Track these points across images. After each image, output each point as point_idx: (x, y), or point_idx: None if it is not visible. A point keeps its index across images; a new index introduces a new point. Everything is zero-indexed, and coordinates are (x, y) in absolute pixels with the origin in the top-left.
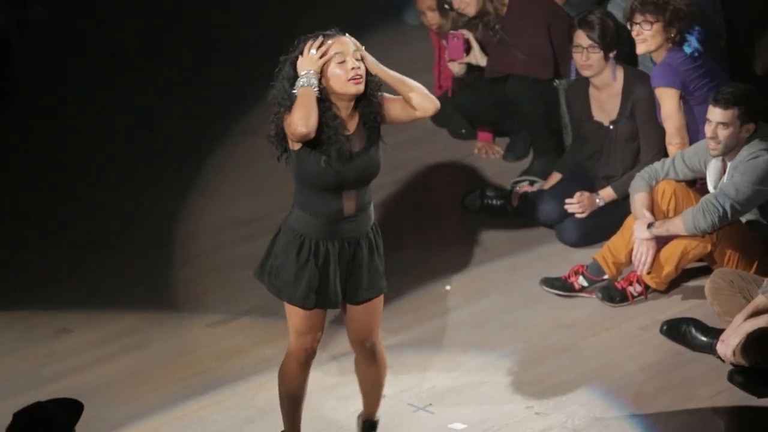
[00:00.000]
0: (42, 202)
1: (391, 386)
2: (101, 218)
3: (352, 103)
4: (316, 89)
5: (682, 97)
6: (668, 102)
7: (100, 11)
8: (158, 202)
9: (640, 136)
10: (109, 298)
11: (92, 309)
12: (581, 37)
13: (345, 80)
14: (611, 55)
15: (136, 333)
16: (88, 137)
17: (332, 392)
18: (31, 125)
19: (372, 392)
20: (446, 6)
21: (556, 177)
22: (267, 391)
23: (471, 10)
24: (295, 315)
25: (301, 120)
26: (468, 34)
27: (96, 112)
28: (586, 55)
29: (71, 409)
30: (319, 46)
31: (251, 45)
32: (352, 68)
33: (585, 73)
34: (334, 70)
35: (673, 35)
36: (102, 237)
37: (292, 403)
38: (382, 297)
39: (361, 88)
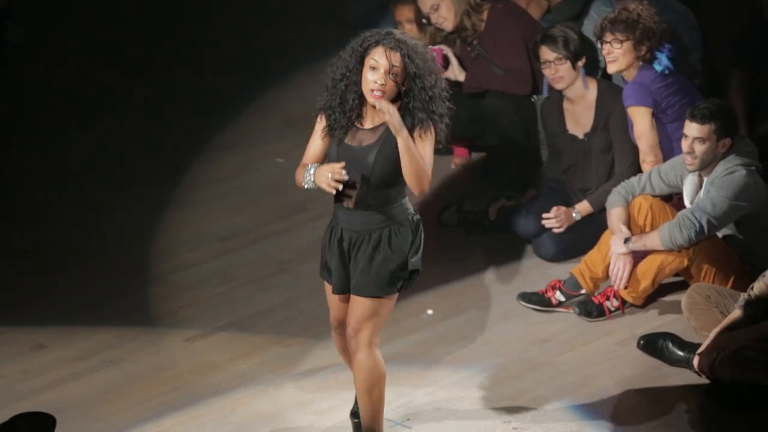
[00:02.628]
0: (17, 220)
1: None
2: (77, 235)
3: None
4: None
5: (654, 115)
6: (641, 120)
7: (78, 32)
8: (134, 218)
9: (614, 148)
10: (84, 314)
11: (68, 325)
12: (546, 53)
13: (368, 88)
14: (579, 64)
15: (112, 349)
16: (61, 154)
17: (308, 407)
18: (8, 144)
19: (360, 396)
20: (424, 21)
21: (533, 192)
22: (244, 406)
23: (449, 25)
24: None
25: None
26: (446, 50)
27: (71, 131)
28: (554, 68)
29: (42, 424)
30: (338, 181)
31: (228, 61)
32: (376, 81)
33: (558, 86)
34: (366, 71)
35: (643, 53)
36: (78, 253)
37: (346, 361)
38: (372, 301)
39: (375, 102)
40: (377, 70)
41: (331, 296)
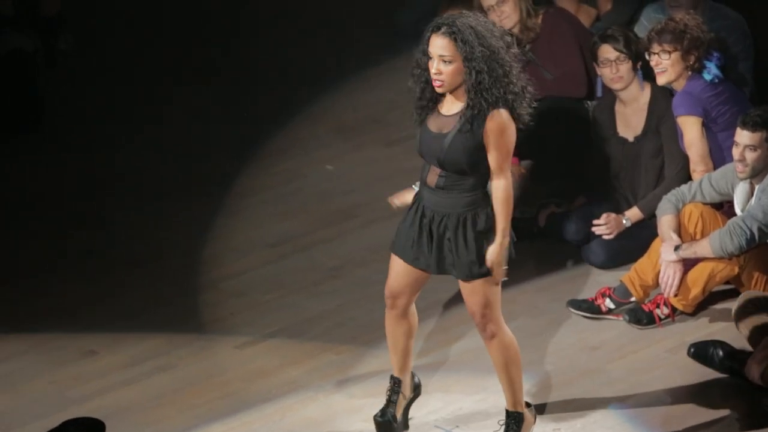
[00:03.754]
0: (68, 227)
1: (418, 408)
2: (128, 242)
3: (461, 91)
4: None
5: (704, 125)
6: (691, 129)
7: (126, 41)
8: (184, 225)
9: (664, 152)
10: (136, 321)
11: (119, 331)
12: (608, 51)
13: (432, 79)
14: (638, 65)
15: (163, 355)
16: (113, 162)
17: (359, 414)
18: (59, 151)
19: (499, 374)
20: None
21: (582, 198)
22: (294, 413)
23: (509, 23)
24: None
25: None
26: None
27: (122, 138)
28: (615, 67)
29: (92, 429)
30: None
31: (278, 69)
32: (433, 72)
33: (616, 86)
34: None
35: (691, 63)
36: (129, 260)
37: (389, 345)
38: (482, 282)
39: (440, 89)
40: (432, 60)
41: (394, 264)
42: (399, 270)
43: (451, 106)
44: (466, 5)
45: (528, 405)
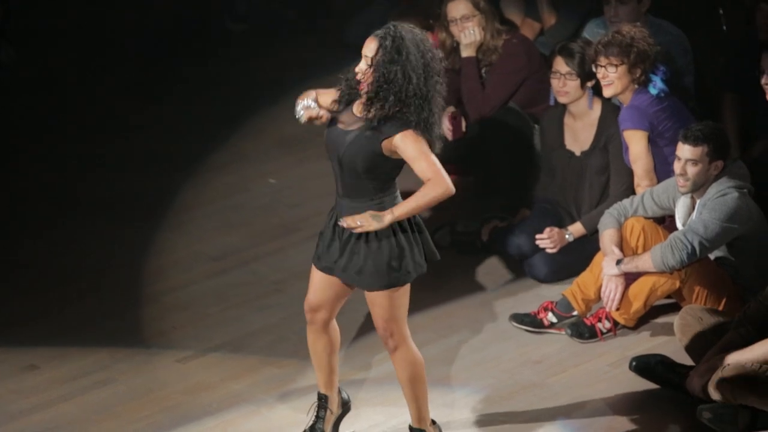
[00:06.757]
0: (9, 240)
1: (359, 422)
2: (70, 255)
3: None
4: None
5: (650, 139)
6: (637, 144)
7: (68, 53)
8: (127, 239)
9: (610, 169)
10: (77, 335)
11: (60, 345)
12: (560, 64)
13: None
14: (589, 84)
15: (104, 369)
16: (54, 175)
17: (300, 427)
18: None
19: (405, 390)
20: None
21: (525, 212)
22: (236, 427)
23: (465, 37)
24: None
25: None
26: (453, 109)
27: (64, 151)
28: (563, 81)
29: None
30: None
31: (220, 82)
32: (356, 69)
33: (561, 99)
34: None
35: (638, 76)
36: (71, 274)
37: (312, 361)
38: (383, 294)
39: (360, 88)
40: (362, 60)
41: (313, 276)
42: (318, 282)
43: (360, 109)
44: (416, 19)
45: (433, 422)
